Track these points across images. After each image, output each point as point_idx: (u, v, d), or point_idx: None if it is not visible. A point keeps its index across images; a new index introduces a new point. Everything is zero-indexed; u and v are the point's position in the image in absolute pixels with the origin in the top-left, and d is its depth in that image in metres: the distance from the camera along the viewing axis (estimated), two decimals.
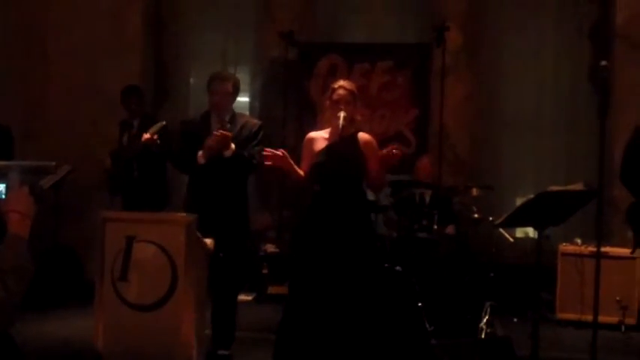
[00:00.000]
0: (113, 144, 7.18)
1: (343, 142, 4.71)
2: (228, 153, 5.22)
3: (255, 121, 5.62)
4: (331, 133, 4.84)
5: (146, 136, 6.12)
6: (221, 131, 5.15)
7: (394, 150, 4.66)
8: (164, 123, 6.08)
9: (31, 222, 2.64)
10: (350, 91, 4.87)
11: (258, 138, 5.44)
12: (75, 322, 6.44)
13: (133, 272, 4.84)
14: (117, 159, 6.81)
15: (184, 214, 4.91)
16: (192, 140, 5.35)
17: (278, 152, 4.71)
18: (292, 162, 4.77)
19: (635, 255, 6.44)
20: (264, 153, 4.71)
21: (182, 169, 5.62)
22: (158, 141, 6.08)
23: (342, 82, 4.93)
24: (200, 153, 5.25)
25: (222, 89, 5.38)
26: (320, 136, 4.90)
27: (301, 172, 4.80)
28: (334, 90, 4.88)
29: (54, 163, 8.07)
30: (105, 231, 4.94)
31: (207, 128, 5.37)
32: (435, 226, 6.53)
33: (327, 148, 4.77)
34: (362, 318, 4.68)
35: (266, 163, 4.72)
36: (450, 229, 6.82)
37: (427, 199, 6.66)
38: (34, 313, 6.69)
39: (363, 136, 4.89)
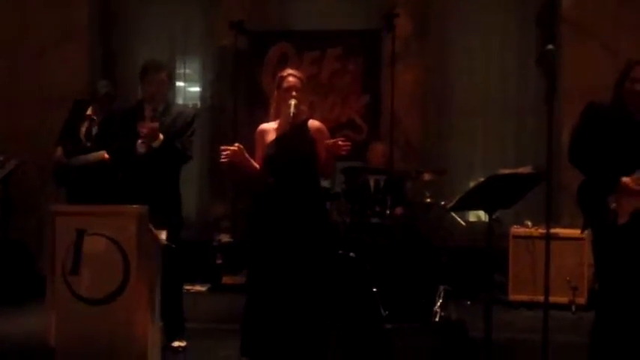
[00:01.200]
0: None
1: (293, 131, 4.68)
2: (156, 144, 5.20)
3: (190, 111, 5.61)
4: (280, 123, 4.82)
5: (105, 155, 6.01)
6: (147, 125, 5.12)
7: (340, 142, 4.59)
8: None
9: None
10: (300, 79, 4.85)
11: (192, 128, 5.43)
12: (27, 317, 6.35)
13: (85, 266, 4.77)
14: (67, 146, 6.59)
15: (136, 206, 4.85)
16: (127, 132, 5.30)
17: (234, 147, 4.66)
18: (247, 155, 4.74)
19: (584, 236, 6.56)
20: (221, 150, 4.66)
21: (121, 162, 5.56)
22: None
23: (290, 71, 4.91)
24: (139, 142, 5.21)
25: (157, 79, 5.35)
26: (271, 128, 4.87)
27: (257, 165, 4.78)
28: (284, 78, 4.85)
29: (1, 158, 7.94)
30: (55, 225, 4.85)
31: (141, 118, 5.33)
32: (388, 212, 6.56)
33: (277, 140, 4.75)
34: (317, 305, 4.69)
35: (223, 160, 4.66)
36: (398, 211, 6.84)
37: (381, 184, 6.68)
38: None
39: (313, 123, 4.87)
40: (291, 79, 4.83)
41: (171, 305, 5.33)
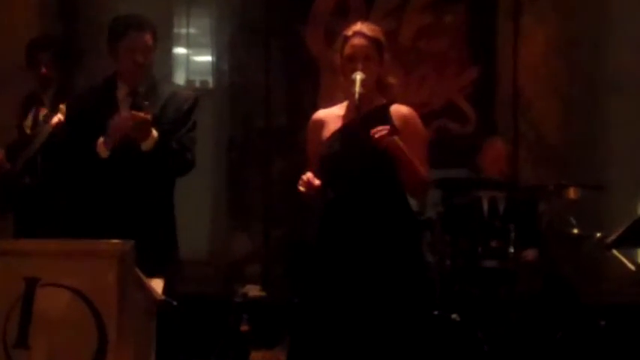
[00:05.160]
0: (9, 131, 7.12)
1: (367, 120, 4.67)
2: (147, 144, 5.21)
3: (187, 94, 5.65)
4: (349, 109, 4.82)
5: (56, 118, 6.13)
6: (135, 113, 5.14)
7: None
8: None
9: None
10: (372, 40, 4.83)
11: (192, 119, 5.47)
12: None
13: (38, 334, 4.81)
14: (14, 154, 6.75)
15: (115, 241, 4.88)
16: (90, 124, 5.33)
17: (315, 182, 4.62)
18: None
19: None
20: (301, 184, 4.66)
21: (71, 168, 5.63)
22: None
23: (359, 26, 4.89)
24: (101, 140, 5.25)
25: (143, 43, 5.40)
26: (333, 115, 4.87)
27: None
28: (347, 39, 4.86)
29: None
30: None
31: (112, 104, 5.39)
32: (512, 250, 6.52)
33: (342, 132, 4.75)
34: None
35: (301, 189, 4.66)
36: (529, 255, 6.81)
37: (501, 206, 6.64)
38: None
39: (399, 109, 4.84)
40: (357, 41, 4.80)
41: None
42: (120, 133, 5.18)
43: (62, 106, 6.07)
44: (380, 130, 4.49)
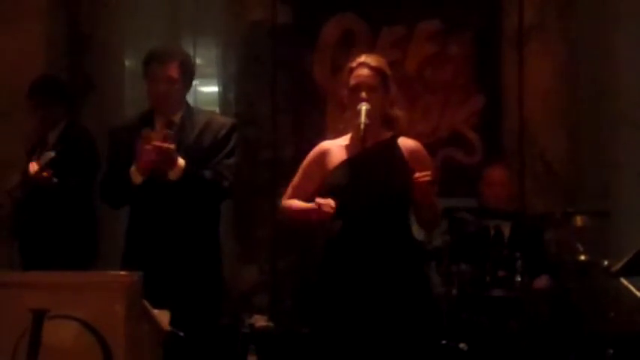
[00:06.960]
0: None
1: (374, 151, 4.69)
2: (174, 174, 5.25)
3: (224, 120, 5.68)
4: (353, 140, 4.84)
5: (32, 168, 6.27)
6: (158, 144, 5.17)
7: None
8: (52, 155, 6.14)
9: None
10: (377, 70, 4.87)
11: (229, 146, 5.49)
12: None
13: None
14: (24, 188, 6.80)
15: (123, 273, 4.89)
16: (129, 157, 5.37)
17: (329, 202, 4.64)
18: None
19: None
20: (316, 203, 4.67)
21: (113, 200, 5.72)
22: (54, 179, 6.17)
23: (364, 58, 4.94)
24: (133, 168, 5.28)
25: (164, 74, 5.45)
26: (338, 146, 4.90)
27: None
28: (352, 70, 4.88)
29: None
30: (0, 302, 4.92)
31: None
32: (519, 278, 6.51)
33: (348, 163, 4.77)
34: None
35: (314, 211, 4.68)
36: (541, 283, 6.80)
37: (507, 235, 6.63)
38: None
39: (406, 143, 4.88)
40: (361, 71, 4.85)
41: None
42: (147, 164, 5.22)
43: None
44: (423, 176, 4.54)
